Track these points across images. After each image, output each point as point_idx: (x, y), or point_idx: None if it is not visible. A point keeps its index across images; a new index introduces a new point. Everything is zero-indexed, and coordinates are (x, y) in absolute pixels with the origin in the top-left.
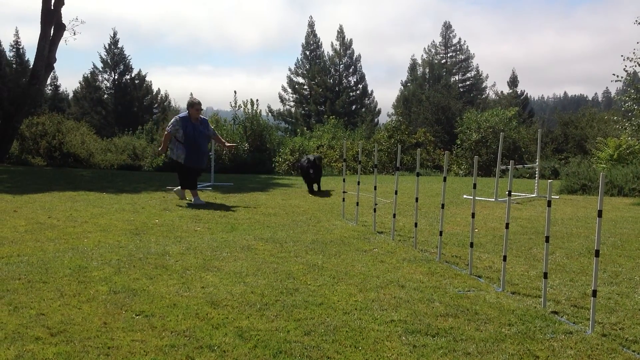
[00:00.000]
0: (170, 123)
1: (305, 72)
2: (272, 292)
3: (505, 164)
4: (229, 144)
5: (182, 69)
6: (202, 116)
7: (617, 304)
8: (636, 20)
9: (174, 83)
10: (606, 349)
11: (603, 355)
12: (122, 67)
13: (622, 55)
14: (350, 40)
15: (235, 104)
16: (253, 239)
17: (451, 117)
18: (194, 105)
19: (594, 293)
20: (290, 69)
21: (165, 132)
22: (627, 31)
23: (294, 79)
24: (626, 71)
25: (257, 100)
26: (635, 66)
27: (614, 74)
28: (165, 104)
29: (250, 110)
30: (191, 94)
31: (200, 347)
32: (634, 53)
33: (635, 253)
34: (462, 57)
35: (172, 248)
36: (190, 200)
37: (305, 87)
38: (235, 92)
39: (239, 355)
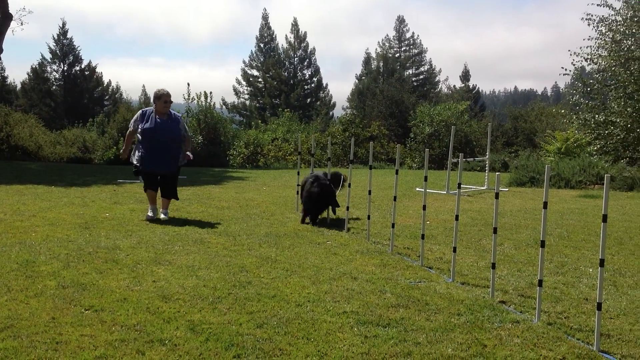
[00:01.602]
0: (132, 118)
1: (259, 65)
2: (225, 286)
3: (457, 157)
4: (187, 158)
5: (133, 60)
6: (173, 112)
7: (563, 294)
8: (582, 17)
9: (125, 75)
10: (552, 337)
11: (548, 343)
12: (71, 58)
13: (569, 51)
14: (305, 33)
15: (189, 96)
16: (206, 233)
17: (405, 111)
18: (161, 97)
19: (540, 283)
20: (244, 62)
21: (128, 131)
22: (574, 27)
23: (249, 71)
24: (574, 65)
25: (210, 92)
26: (582, 61)
27: (562, 68)
28: (116, 95)
29: (204, 103)
30: (143, 86)
31: (151, 341)
32: (580, 49)
33: (580, 244)
34: (416, 52)
35: (123, 242)
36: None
37: (259, 79)
38: (188, 84)
39: (191, 349)
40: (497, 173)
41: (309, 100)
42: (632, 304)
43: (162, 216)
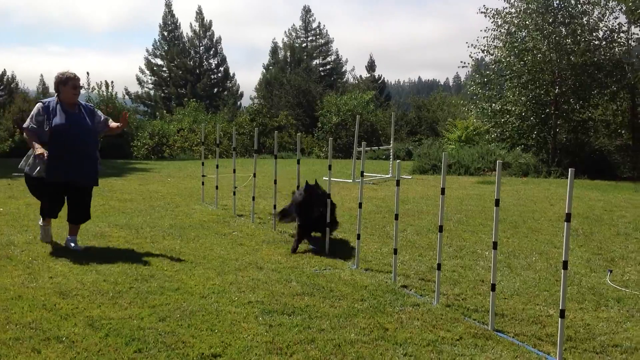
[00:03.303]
0: (30, 114)
1: (163, 54)
2: (126, 280)
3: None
4: (122, 120)
5: (31, 49)
6: (83, 102)
7: (461, 276)
8: (479, 9)
9: (22, 64)
10: (450, 318)
11: (446, 324)
12: None
13: (467, 42)
14: (210, 21)
15: (89, 86)
16: (107, 226)
17: (312, 101)
18: (67, 82)
19: (439, 267)
20: (147, 50)
21: (25, 132)
22: (473, 18)
23: (152, 60)
24: (471, 57)
25: (112, 82)
26: (479, 52)
27: (461, 62)
28: (12, 85)
29: (105, 93)
30: (41, 75)
31: (48, 338)
32: (477, 40)
33: (478, 228)
34: (322, 42)
35: (18, 237)
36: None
37: (164, 69)
38: (88, 73)
39: (89, 346)
40: (397, 161)
41: (215, 90)
42: (525, 284)
43: (72, 245)
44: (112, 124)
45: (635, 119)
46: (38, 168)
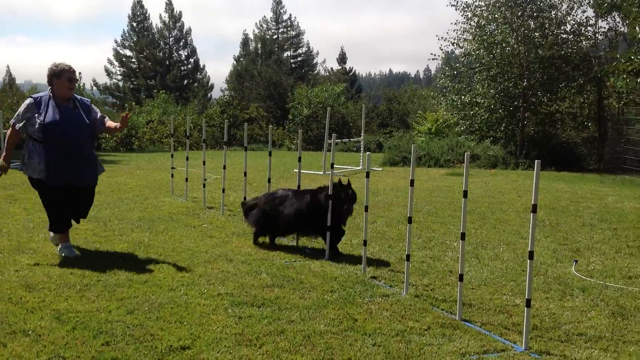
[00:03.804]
0: (18, 111)
1: (132, 45)
2: (94, 272)
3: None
4: (122, 121)
5: None
6: (79, 96)
7: (430, 267)
8: (449, 3)
9: None
10: (418, 308)
11: (415, 314)
12: None
13: (437, 35)
14: (180, 12)
15: None
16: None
17: (283, 93)
18: (62, 74)
19: (408, 257)
20: (116, 41)
21: (10, 129)
22: (443, 11)
23: (121, 51)
24: (442, 50)
25: (80, 73)
26: (449, 45)
27: (431, 54)
28: None
29: None
30: (7, 66)
31: (14, 332)
32: (447, 33)
33: (447, 219)
34: (294, 33)
35: None
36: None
37: (133, 60)
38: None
39: (56, 339)
40: (367, 153)
41: (185, 81)
42: (493, 275)
43: (63, 254)
44: (110, 123)
45: (602, 111)
46: (35, 168)
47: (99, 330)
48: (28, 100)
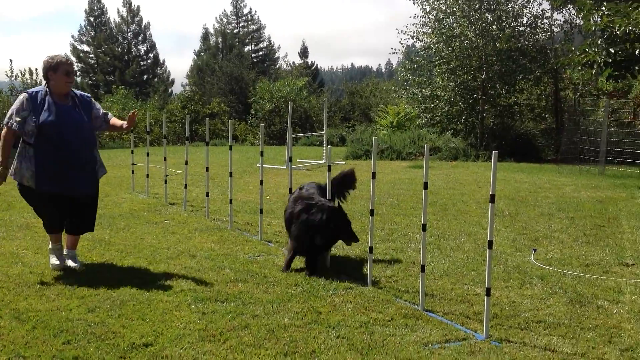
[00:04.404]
0: (11, 109)
1: (90, 40)
2: (54, 271)
3: (297, 132)
4: (129, 120)
5: None
6: (78, 91)
7: (393, 259)
8: None
9: None
10: (381, 300)
11: (378, 306)
12: None
13: (396, 29)
14: (138, 7)
15: (12, 73)
16: (33, 217)
17: (245, 87)
18: (58, 67)
19: (371, 250)
20: (73, 37)
21: (4, 130)
22: (403, 5)
23: (78, 47)
24: (402, 44)
25: (36, 69)
26: (409, 39)
27: (392, 48)
28: None
29: (29, 80)
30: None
31: None
32: (407, 27)
33: (409, 211)
34: (254, 27)
35: None
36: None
37: (91, 55)
38: (10, 60)
39: (16, 338)
40: (329, 146)
41: (145, 76)
42: (454, 265)
43: (70, 263)
44: (115, 120)
45: (558, 103)
46: (24, 175)
47: (59, 329)
48: (22, 96)
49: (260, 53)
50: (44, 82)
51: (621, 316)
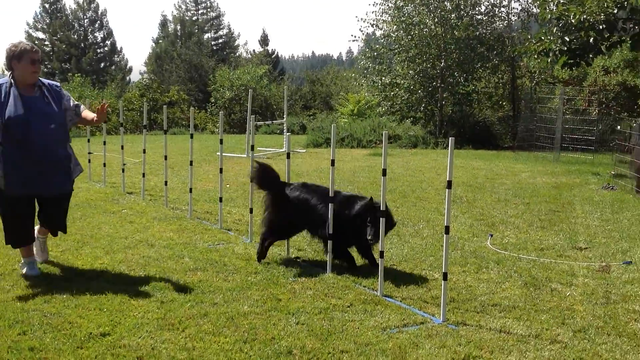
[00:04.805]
0: None
1: (45, 27)
2: (7, 262)
3: (258, 120)
4: (99, 113)
5: None
6: (46, 80)
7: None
8: None
9: None
10: (341, 286)
11: (338, 292)
12: None
13: (356, 17)
14: None
15: None
16: None
17: (204, 75)
18: (22, 55)
19: (330, 237)
20: (28, 24)
21: None
22: None
23: (33, 34)
24: (362, 31)
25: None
26: (369, 26)
27: (352, 35)
28: None
29: None
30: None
31: None
32: (367, 14)
33: None
34: (214, 15)
35: None
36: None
37: (46, 43)
38: None
39: None
40: (288, 133)
41: (102, 64)
42: (413, 251)
43: (24, 270)
44: (87, 113)
45: (516, 91)
46: None
47: (14, 319)
48: None
49: (220, 41)
50: (7, 73)
51: (574, 298)
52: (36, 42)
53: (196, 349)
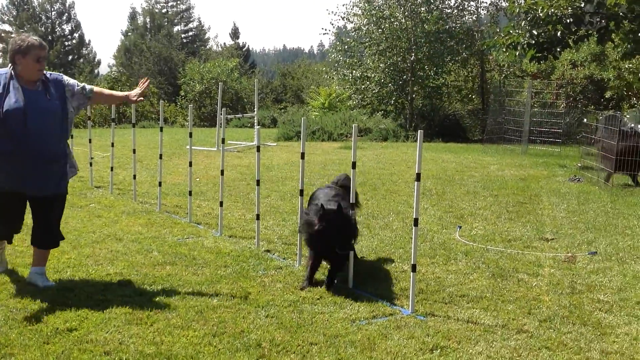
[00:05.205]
0: None
1: (12, 20)
2: None
3: (228, 113)
4: (139, 90)
5: None
6: (48, 72)
7: None
8: None
9: None
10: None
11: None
12: None
13: (327, 9)
14: None
15: None
16: None
17: (174, 68)
18: (29, 51)
19: (300, 230)
20: None
21: None
22: None
23: (0, 26)
24: (332, 25)
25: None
26: (340, 20)
27: (322, 28)
28: None
29: None
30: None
31: None
32: (337, 7)
33: None
34: (184, 7)
35: None
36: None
37: (13, 35)
38: None
39: None
40: (257, 127)
41: (70, 57)
42: (382, 243)
43: (40, 282)
44: (105, 91)
45: (485, 84)
46: None
47: None
48: None
49: (190, 33)
50: (8, 65)
51: (540, 289)
52: (2, 35)
53: (164, 343)
